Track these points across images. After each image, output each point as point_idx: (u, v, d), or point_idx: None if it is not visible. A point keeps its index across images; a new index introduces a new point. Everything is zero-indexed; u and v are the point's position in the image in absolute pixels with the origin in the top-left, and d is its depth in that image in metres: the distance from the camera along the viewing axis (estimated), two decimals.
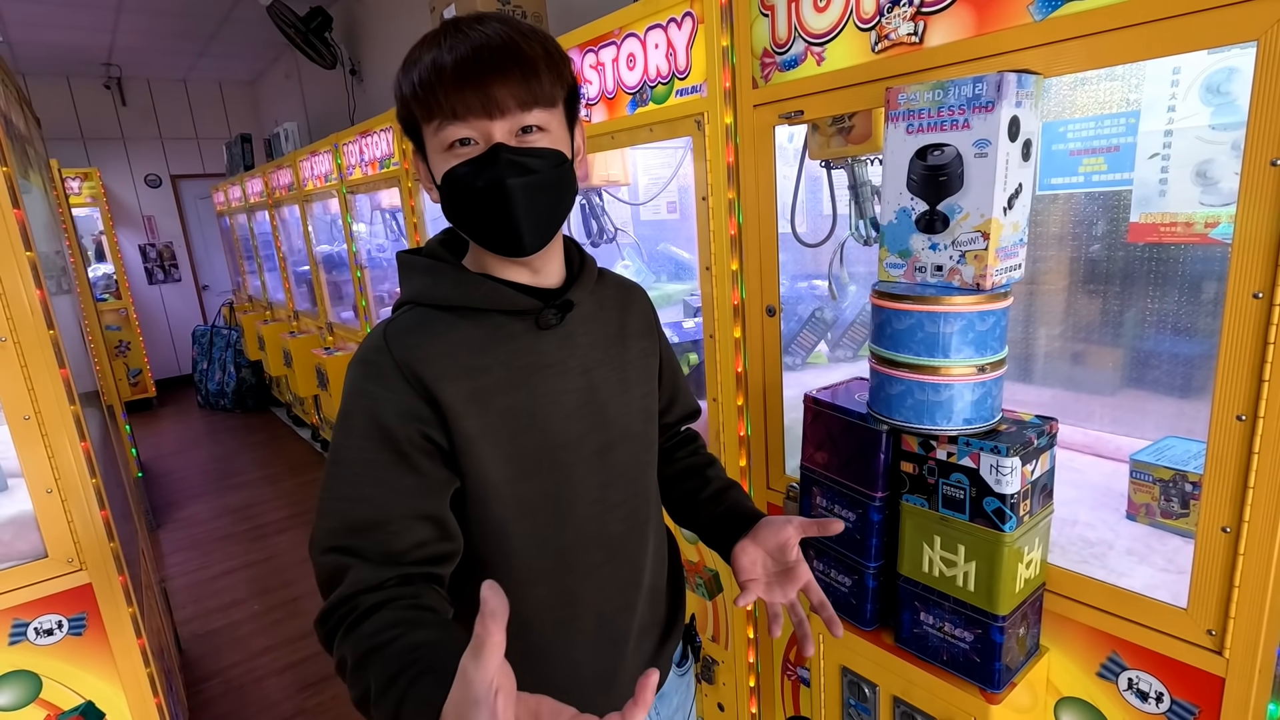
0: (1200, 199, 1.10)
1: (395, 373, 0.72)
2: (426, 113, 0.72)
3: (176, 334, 7.06)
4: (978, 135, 0.83)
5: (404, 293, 0.81)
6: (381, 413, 0.71)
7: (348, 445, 0.71)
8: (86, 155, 6.38)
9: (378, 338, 0.75)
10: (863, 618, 1.09)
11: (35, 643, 1.27)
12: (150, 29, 5.09)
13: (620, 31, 1.47)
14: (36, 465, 1.21)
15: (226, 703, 2.36)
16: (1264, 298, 0.74)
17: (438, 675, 0.57)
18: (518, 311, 0.78)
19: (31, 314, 1.18)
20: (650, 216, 2.20)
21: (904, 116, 0.89)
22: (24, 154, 1.64)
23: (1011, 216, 0.87)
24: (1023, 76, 0.82)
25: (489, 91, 0.69)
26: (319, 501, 0.71)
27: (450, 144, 0.72)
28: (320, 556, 0.69)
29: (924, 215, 0.90)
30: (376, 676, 0.60)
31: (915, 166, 0.89)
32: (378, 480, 0.70)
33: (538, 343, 0.79)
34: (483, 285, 0.78)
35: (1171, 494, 1.07)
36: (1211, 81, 1.04)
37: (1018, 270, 0.92)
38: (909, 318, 0.91)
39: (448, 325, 0.76)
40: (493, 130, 0.71)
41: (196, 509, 4.06)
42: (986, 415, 0.93)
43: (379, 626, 0.64)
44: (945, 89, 0.84)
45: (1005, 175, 0.83)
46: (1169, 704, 0.91)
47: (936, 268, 0.91)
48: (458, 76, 0.69)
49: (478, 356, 0.75)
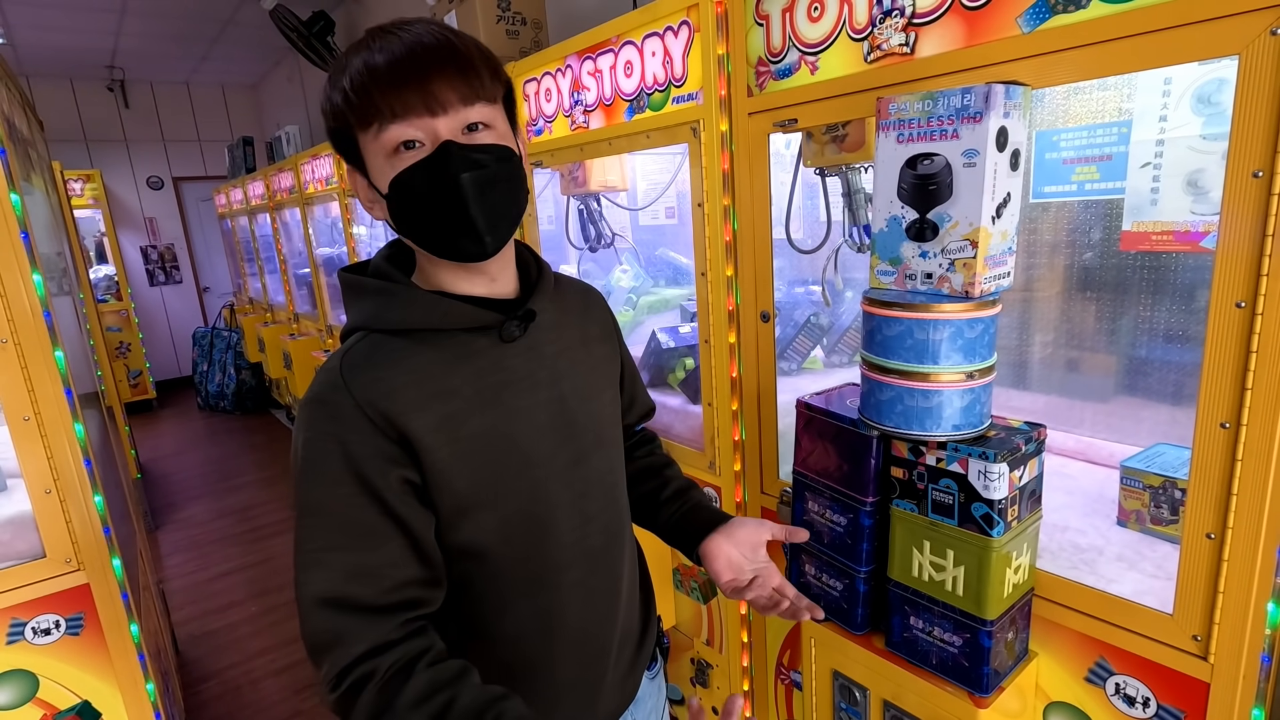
0: (1191, 208, 1.11)
1: (357, 414, 0.67)
2: (363, 118, 0.67)
3: (177, 336, 7.08)
4: (966, 145, 0.84)
5: (352, 318, 0.76)
6: (352, 457, 0.67)
7: (321, 494, 0.67)
8: (89, 157, 6.40)
9: (333, 375, 0.70)
10: (854, 622, 1.09)
11: (33, 642, 1.28)
12: (153, 32, 5.11)
13: (618, 39, 1.48)
14: (35, 466, 1.22)
15: (223, 704, 2.36)
16: (1246, 307, 0.75)
17: None
18: (479, 327, 0.74)
19: (32, 315, 1.19)
20: (649, 221, 2.21)
21: (894, 126, 0.91)
22: (26, 156, 1.66)
23: (1000, 225, 0.88)
24: (1011, 88, 0.83)
25: (429, 88, 0.66)
26: (299, 554, 0.67)
27: (394, 148, 0.67)
28: (313, 612, 0.66)
29: (914, 224, 0.91)
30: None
31: (905, 175, 0.90)
32: (362, 528, 0.67)
33: (504, 357, 0.75)
34: (440, 304, 0.73)
35: (1161, 501, 1.08)
36: (1202, 92, 1.06)
37: (1007, 278, 0.93)
38: (899, 324, 0.92)
39: (407, 352, 0.71)
40: (438, 129, 0.67)
41: (195, 510, 4.06)
42: (975, 421, 0.94)
43: (419, 695, 0.64)
44: (935, 100, 0.86)
45: (994, 185, 0.85)
46: (1155, 709, 0.92)
47: (926, 275, 0.92)
48: (393, 75, 0.65)
49: (443, 380, 0.71)
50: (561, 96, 1.70)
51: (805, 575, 1.16)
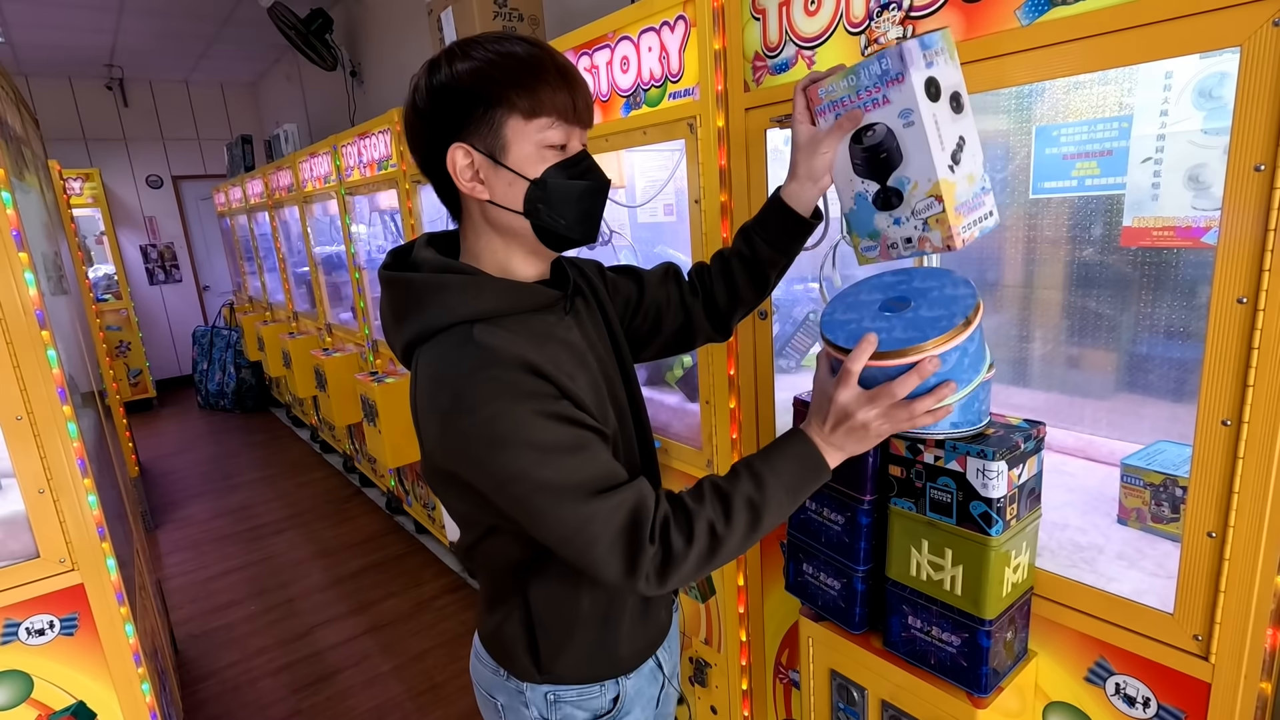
0: (1192, 203, 1.10)
1: (517, 369, 0.74)
2: (535, 107, 0.74)
3: (177, 334, 7.08)
4: (900, 107, 0.82)
5: (438, 314, 0.79)
6: (542, 405, 0.74)
7: (524, 448, 0.72)
8: (88, 156, 6.40)
9: (479, 356, 0.74)
10: (851, 621, 1.09)
11: (27, 643, 1.27)
12: (152, 30, 5.10)
13: (614, 34, 1.47)
14: (29, 465, 1.22)
15: (222, 703, 2.36)
16: (1248, 303, 0.74)
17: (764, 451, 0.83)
18: (546, 306, 0.84)
19: (24, 315, 1.18)
20: (647, 219, 2.20)
21: (829, 108, 0.90)
22: (19, 155, 1.65)
23: (962, 170, 0.85)
24: (925, 37, 0.81)
25: (589, 102, 0.79)
26: (544, 506, 0.73)
27: (551, 144, 0.77)
28: (602, 506, 0.73)
29: (878, 194, 0.90)
30: (748, 492, 0.78)
31: (854, 151, 0.89)
32: (580, 446, 0.75)
33: (568, 331, 0.86)
34: (522, 288, 0.83)
35: (1162, 498, 1.07)
36: (1204, 86, 1.05)
37: (990, 218, 0.89)
38: (882, 374, 0.89)
39: (511, 330, 0.78)
40: (576, 138, 0.79)
41: (195, 509, 4.06)
42: (974, 419, 0.92)
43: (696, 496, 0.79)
44: (856, 73, 0.84)
45: (940, 136, 0.82)
46: (1156, 709, 0.91)
47: (906, 240, 0.90)
48: (574, 84, 0.76)
49: (547, 350, 0.79)
50: None
51: (803, 574, 1.16)
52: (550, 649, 0.92)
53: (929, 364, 0.78)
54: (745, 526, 0.78)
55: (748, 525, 0.78)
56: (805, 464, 0.81)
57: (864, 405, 0.79)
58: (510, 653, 0.94)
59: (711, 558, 0.77)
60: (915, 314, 0.84)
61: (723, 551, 0.78)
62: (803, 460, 0.82)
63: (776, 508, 0.80)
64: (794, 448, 0.82)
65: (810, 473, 0.82)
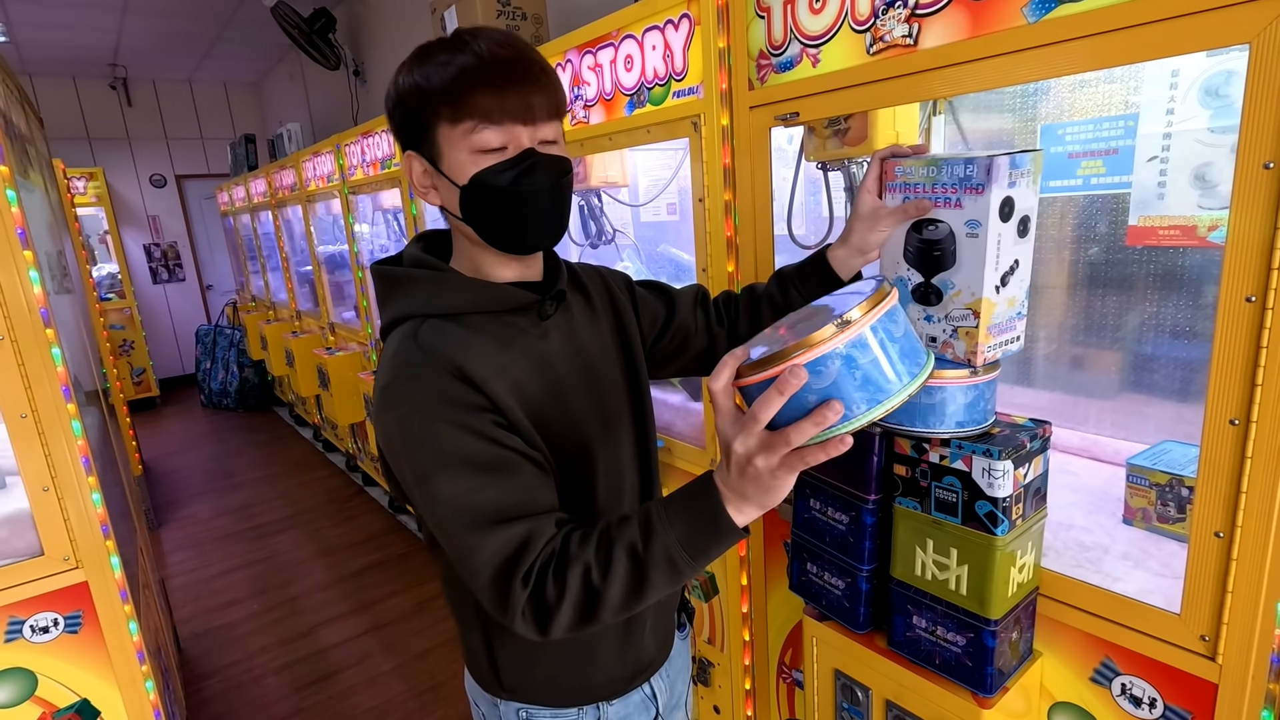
0: (1199, 202, 1.09)
1: (447, 376, 0.73)
2: (458, 113, 0.73)
3: (180, 333, 7.09)
4: (969, 215, 0.81)
5: (399, 308, 0.81)
6: (450, 413, 0.72)
7: (435, 455, 0.71)
8: (92, 155, 6.41)
9: (413, 352, 0.75)
10: (856, 621, 1.08)
11: (31, 640, 1.27)
12: (155, 30, 5.11)
13: (618, 33, 1.47)
14: (33, 464, 1.22)
15: (224, 701, 2.36)
16: (1256, 301, 0.74)
17: (670, 496, 0.69)
18: (519, 308, 0.82)
19: (29, 313, 1.18)
20: (650, 218, 2.20)
21: (900, 189, 0.89)
22: (24, 153, 1.65)
23: (1006, 294, 0.86)
24: (1017, 157, 0.80)
25: (529, 99, 0.74)
26: (441, 515, 0.71)
27: (481, 148, 0.74)
28: (490, 535, 0.69)
29: (919, 287, 0.90)
30: (632, 539, 0.67)
31: (911, 239, 0.89)
32: (493, 465, 0.72)
33: (542, 335, 0.83)
34: (489, 288, 0.81)
35: (1168, 498, 1.06)
36: (1211, 84, 1.04)
37: (1015, 343, 0.91)
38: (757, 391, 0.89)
39: (468, 331, 0.77)
40: (523, 137, 0.75)
41: (198, 508, 4.07)
42: (979, 418, 0.92)
43: (582, 538, 0.70)
44: (939, 167, 0.83)
45: (998, 255, 0.82)
46: (1162, 710, 0.91)
47: (930, 339, 0.90)
48: (502, 82, 0.72)
49: (501, 355, 0.78)
50: None
51: (807, 573, 1.15)
52: (512, 670, 0.90)
53: (790, 377, 0.57)
54: (626, 580, 0.67)
55: (628, 579, 0.67)
56: (700, 517, 0.66)
57: (743, 439, 0.61)
58: (478, 665, 0.93)
59: (592, 609, 0.68)
60: (812, 321, 0.66)
61: (605, 604, 0.67)
62: (699, 511, 0.66)
63: (665, 565, 0.66)
64: (696, 496, 0.67)
65: (707, 528, 0.66)
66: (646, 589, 0.67)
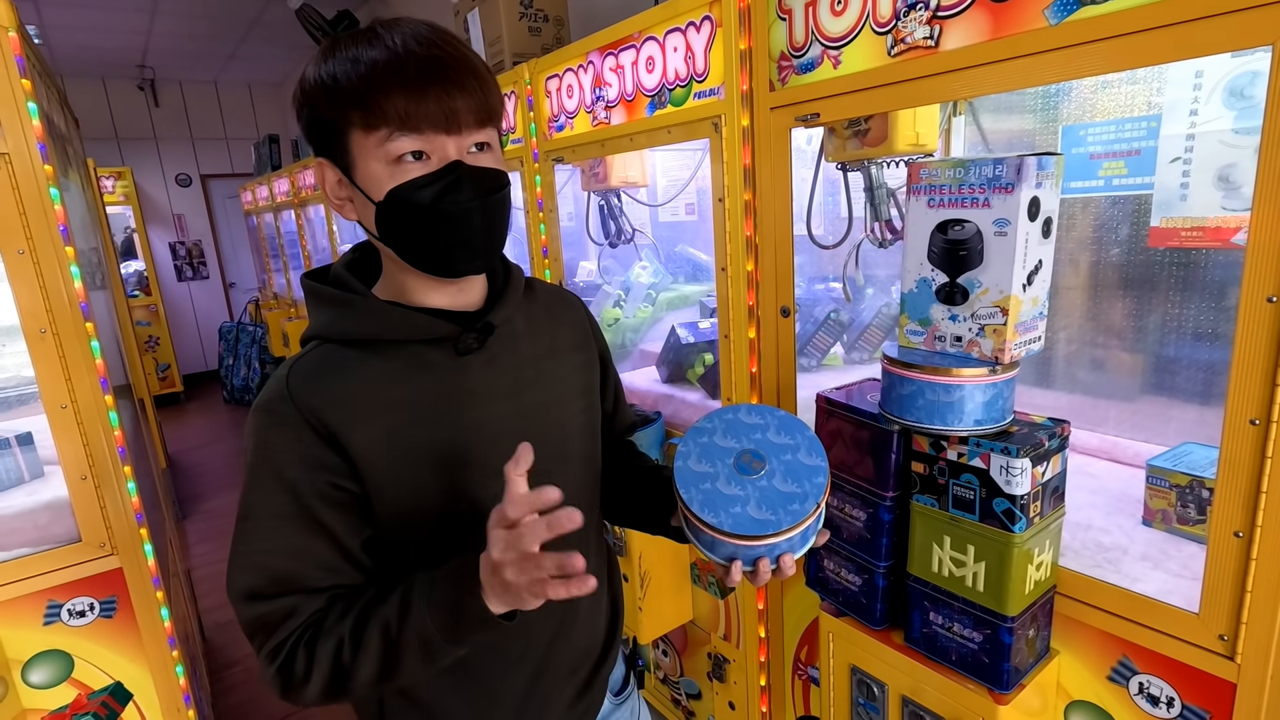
0: (1222, 203, 1.09)
1: (299, 422, 0.67)
2: (370, 120, 0.64)
3: (204, 330, 7.22)
4: (998, 214, 0.83)
5: (311, 326, 0.75)
6: (286, 465, 0.67)
7: (256, 500, 0.68)
8: (120, 155, 6.54)
9: (280, 384, 0.69)
10: (872, 617, 1.09)
11: (69, 624, 1.31)
12: (182, 32, 5.21)
13: (640, 35, 1.49)
14: (72, 453, 1.26)
15: (247, 690, 2.41)
16: (1278, 302, 0.74)
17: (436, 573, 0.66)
18: (435, 339, 0.73)
19: (70, 307, 1.22)
20: (669, 218, 2.22)
21: (925, 190, 0.90)
22: (64, 153, 1.70)
23: (1031, 292, 0.88)
24: (1043, 159, 0.82)
25: (452, 104, 0.64)
26: (232, 554, 0.69)
27: (399, 157, 0.65)
28: (244, 606, 0.68)
29: (944, 287, 0.91)
30: (387, 619, 0.64)
31: (936, 240, 0.90)
32: (290, 534, 0.68)
33: (460, 369, 0.74)
34: (393, 314, 0.72)
35: (1188, 500, 1.06)
36: (1235, 85, 1.04)
37: (1037, 342, 0.93)
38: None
39: (358, 363, 0.71)
40: (449, 146, 0.66)
41: (221, 501, 4.14)
42: (997, 417, 0.93)
43: (343, 610, 0.67)
44: (966, 168, 0.85)
45: (1025, 254, 0.84)
46: (1180, 709, 0.91)
47: (956, 338, 0.92)
48: (420, 83, 0.63)
49: (392, 392, 0.71)
50: (583, 92, 1.71)
51: (823, 569, 1.16)
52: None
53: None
54: (377, 660, 0.65)
55: (379, 660, 0.65)
56: (458, 604, 0.63)
57: (498, 545, 0.59)
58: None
59: (340, 685, 0.65)
60: (769, 484, 0.70)
61: (355, 681, 0.65)
62: (458, 598, 0.63)
63: (417, 647, 0.64)
64: (458, 579, 0.64)
65: (465, 615, 0.63)
66: (399, 668, 0.65)
